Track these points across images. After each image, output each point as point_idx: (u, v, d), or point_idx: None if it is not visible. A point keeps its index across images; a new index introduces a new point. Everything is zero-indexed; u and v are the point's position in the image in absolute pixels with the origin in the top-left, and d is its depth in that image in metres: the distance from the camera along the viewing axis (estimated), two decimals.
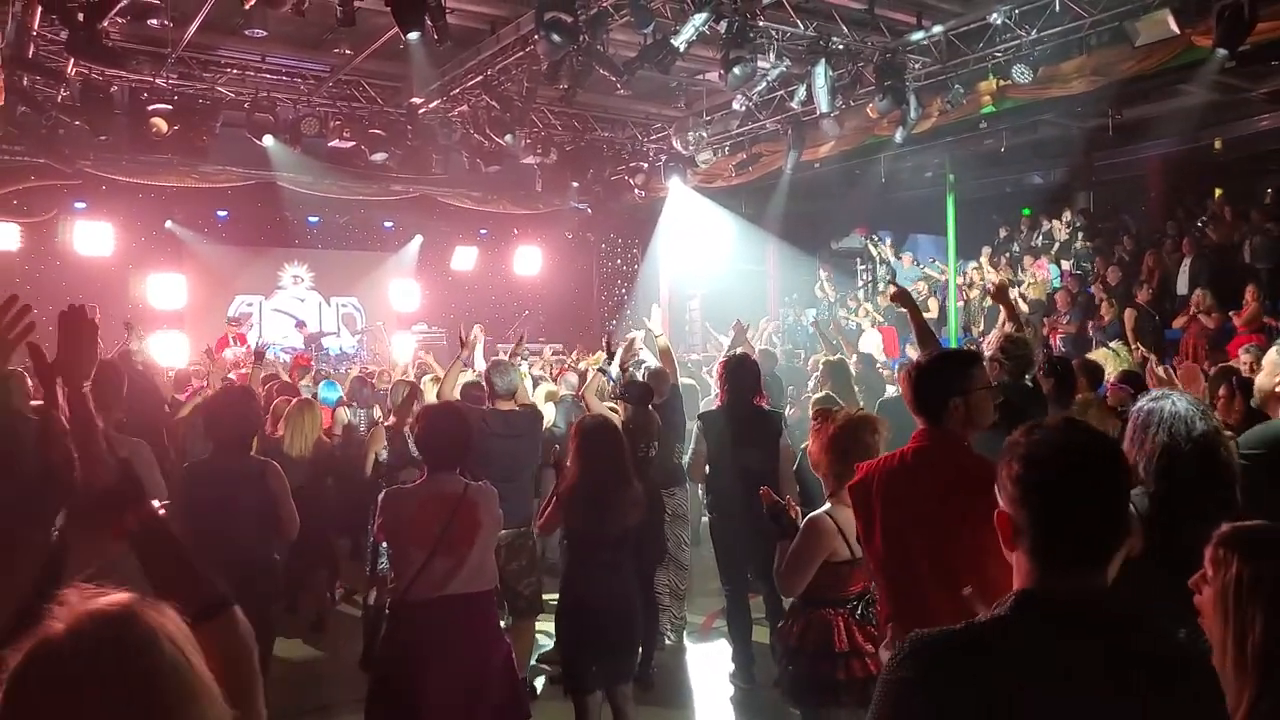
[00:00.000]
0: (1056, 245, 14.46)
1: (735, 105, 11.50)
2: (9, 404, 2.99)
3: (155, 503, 1.60)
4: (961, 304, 13.81)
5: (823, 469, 3.71)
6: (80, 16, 8.43)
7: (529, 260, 17.65)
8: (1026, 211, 15.65)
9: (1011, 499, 1.55)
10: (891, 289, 5.27)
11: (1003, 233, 15.69)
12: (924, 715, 1.40)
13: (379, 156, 12.63)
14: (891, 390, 7.54)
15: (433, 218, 16.20)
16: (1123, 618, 1.51)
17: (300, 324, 15.42)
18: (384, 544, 5.76)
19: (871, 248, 16.22)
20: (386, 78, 11.85)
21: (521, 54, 9.80)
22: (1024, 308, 11.99)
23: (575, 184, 14.34)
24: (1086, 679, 1.41)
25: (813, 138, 11.60)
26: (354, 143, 12.49)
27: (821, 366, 7.43)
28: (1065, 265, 13.88)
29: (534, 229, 17.26)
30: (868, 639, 3.54)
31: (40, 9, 8.71)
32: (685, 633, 6.56)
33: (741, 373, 5.97)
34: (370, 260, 17.23)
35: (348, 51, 10.74)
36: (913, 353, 12.40)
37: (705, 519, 7.44)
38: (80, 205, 13.97)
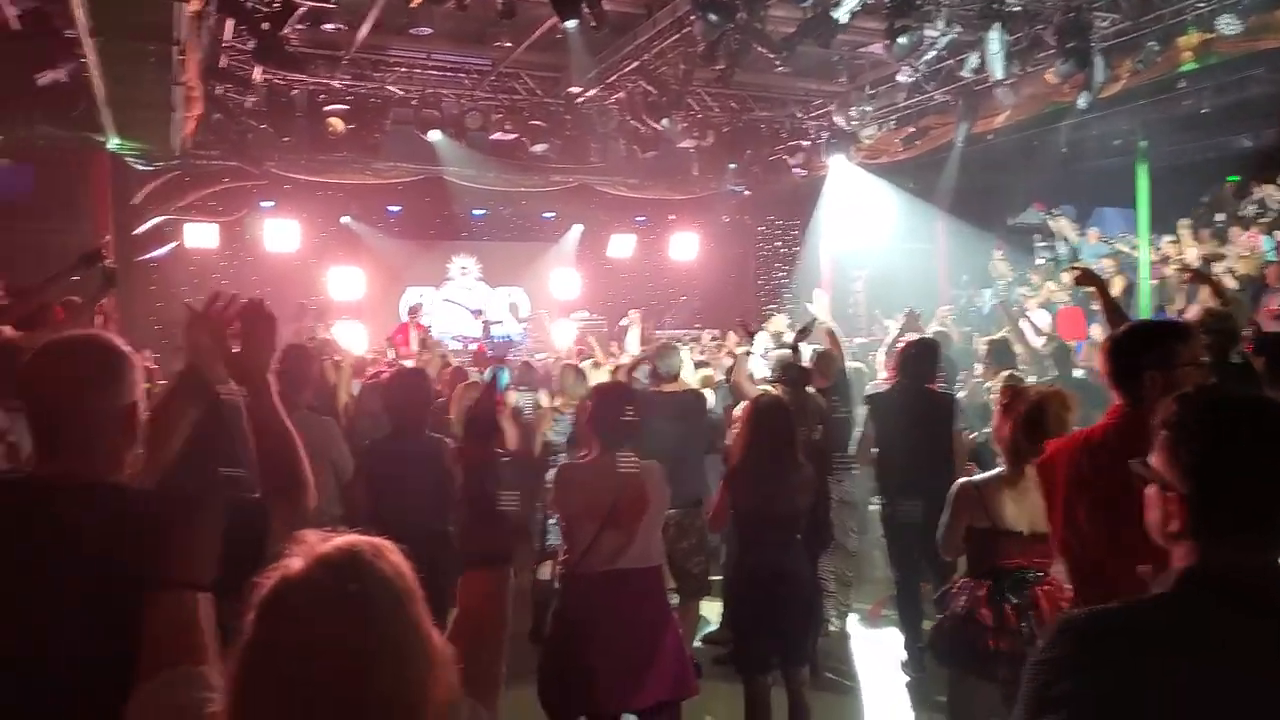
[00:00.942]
0: (1270, 214, 13.22)
1: (901, 77, 11.04)
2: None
3: None
4: (1155, 282, 12.86)
5: (1004, 444, 3.73)
6: (265, 26, 8.95)
7: (685, 246, 17.57)
8: (1233, 178, 14.36)
9: (1166, 472, 1.49)
10: (1074, 270, 4.95)
11: (1205, 202, 14.46)
12: (1075, 696, 1.33)
13: (539, 147, 12.86)
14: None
15: (591, 206, 16.40)
16: None
17: (478, 312, 15.93)
18: (551, 520, 5.92)
19: (1051, 223, 15.32)
20: (546, 68, 12.03)
21: (678, 36, 9.72)
22: (1232, 284, 11.01)
23: (733, 166, 14.17)
24: (1255, 659, 1.34)
25: (986, 107, 11.01)
26: (515, 135, 12.77)
27: (985, 346, 7.07)
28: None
29: (690, 214, 17.17)
30: (1021, 617, 3.50)
31: (231, 21, 9.28)
32: (852, 620, 6.42)
33: (919, 356, 5.76)
34: (533, 250, 17.60)
35: (508, 44, 10.95)
36: (1098, 333, 11.66)
37: (872, 505, 7.27)
38: (267, 204, 14.84)
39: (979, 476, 3.82)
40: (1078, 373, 8.82)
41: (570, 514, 3.89)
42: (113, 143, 10.91)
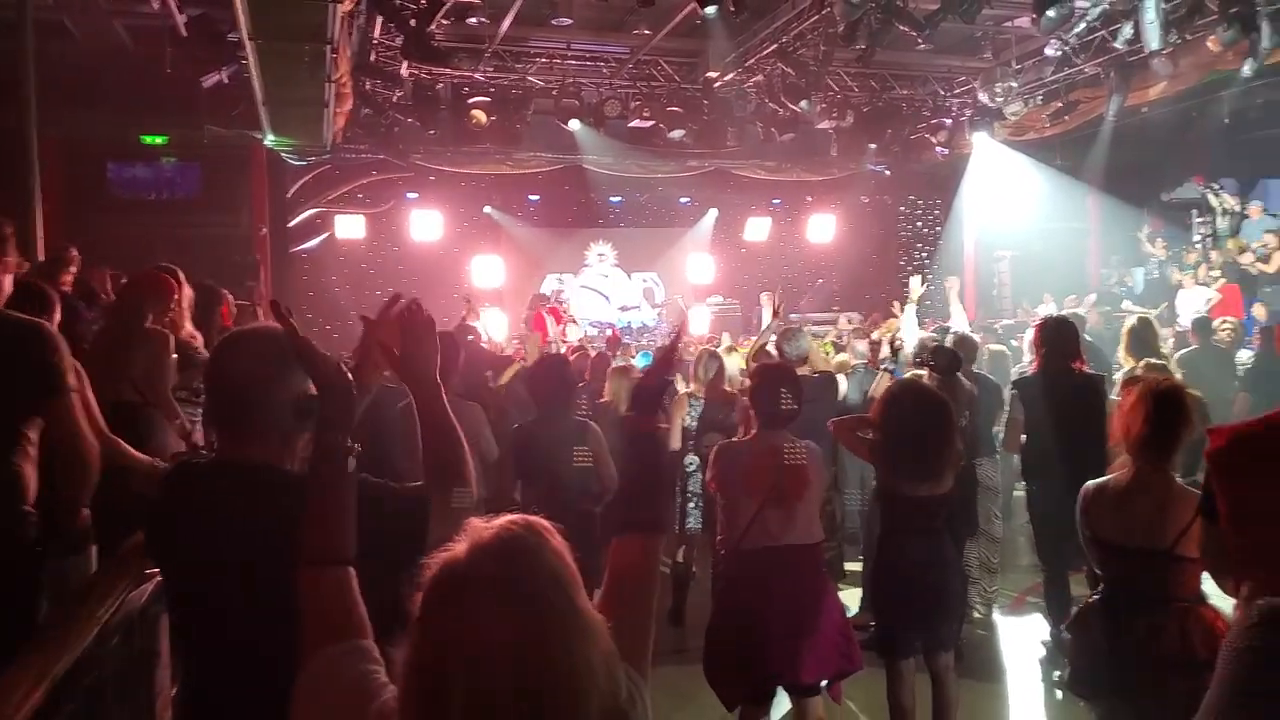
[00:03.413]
0: None
1: (1049, 51, 10.63)
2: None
3: None
4: None
5: (1133, 440, 3.29)
6: (412, 22, 9.28)
7: (823, 228, 17.38)
8: None
9: None
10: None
11: None
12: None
13: (676, 133, 12.96)
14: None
15: (726, 190, 16.43)
16: None
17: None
18: (691, 505, 6.00)
19: (1211, 197, 14.47)
20: (684, 55, 12.11)
21: (817, 17, 9.63)
22: None
23: (872, 146, 13.95)
24: None
25: (1140, 79, 10.50)
26: (653, 121, 12.89)
27: (1124, 331, 6.68)
28: None
29: (828, 195, 17.00)
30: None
31: (380, 19, 9.67)
32: (996, 607, 6.29)
33: (1060, 335, 5.56)
34: (668, 236, 17.76)
35: (646, 32, 11.05)
36: (1260, 312, 10.99)
37: (1017, 492, 7.08)
38: (412, 195, 15.42)
39: (1098, 480, 3.39)
40: (1244, 353, 8.35)
41: (731, 491, 3.94)
42: (269, 139, 11.55)
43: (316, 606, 1.50)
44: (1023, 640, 5.90)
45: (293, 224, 13.77)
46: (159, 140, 11.67)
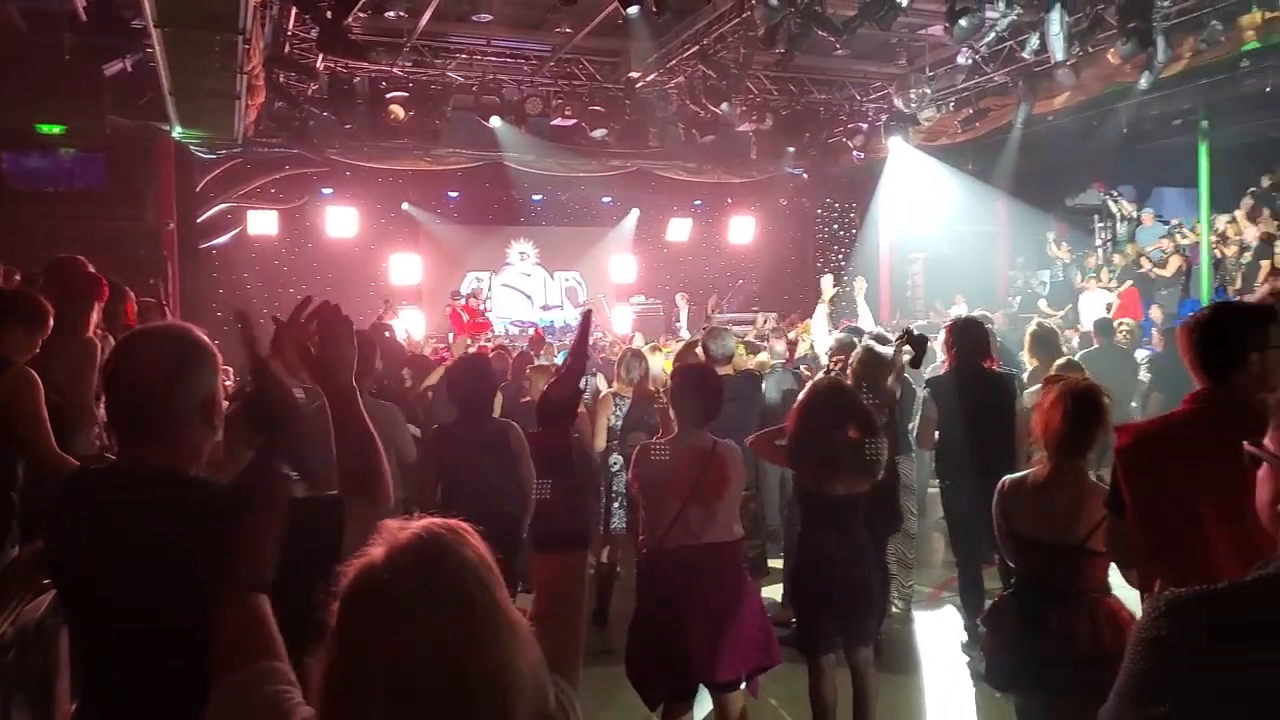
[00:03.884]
0: None
1: (960, 59, 10.95)
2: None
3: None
4: (1217, 258, 12.61)
5: (1052, 438, 3.37)
6: (329, 14, 9.08)
7: (743, 229, 17.61)
8: None
9: None
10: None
11: (1265, 182, 14.08)
12: (1181, 676, 1.26)
13: (599, 133, 12.94)
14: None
15: (649, 191, 16.47)
16: None
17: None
18: (615, 505, 6.00)
19: (1111, 204, 15.07)
20: (606, 54, 12.10)
21: (738, 20, 9.74)
22: None
23: (791, 149, 14.17)
24: None
25: (1046, 89, 10.88)
26: (575, 120, 12.85)
27: (1027, 335, 6.95)
28: None
29: (748, 197, 17.20)
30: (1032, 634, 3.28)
31: (294, 10, 9.44)
32: (913, 602, 6.43)
33: (969, 334, 5.72)
34: (590, 235, 17.73)
35: (568, 30, 11.02)
36: (1157, 314, 11.47)
37: (931, 489, 7.24)
38: (327, 191, 15.08)
39: (1015, 475, 3.51)
40: (1141, 353, 8.73)
41: (653, 491, 3.95)
42: (177, 131, 11.17)
43: (232, 631, 1.45)
44: (939, 634, 6.04)
45: (202, 219, 13.31)
46: (56, 130, 11.13)
